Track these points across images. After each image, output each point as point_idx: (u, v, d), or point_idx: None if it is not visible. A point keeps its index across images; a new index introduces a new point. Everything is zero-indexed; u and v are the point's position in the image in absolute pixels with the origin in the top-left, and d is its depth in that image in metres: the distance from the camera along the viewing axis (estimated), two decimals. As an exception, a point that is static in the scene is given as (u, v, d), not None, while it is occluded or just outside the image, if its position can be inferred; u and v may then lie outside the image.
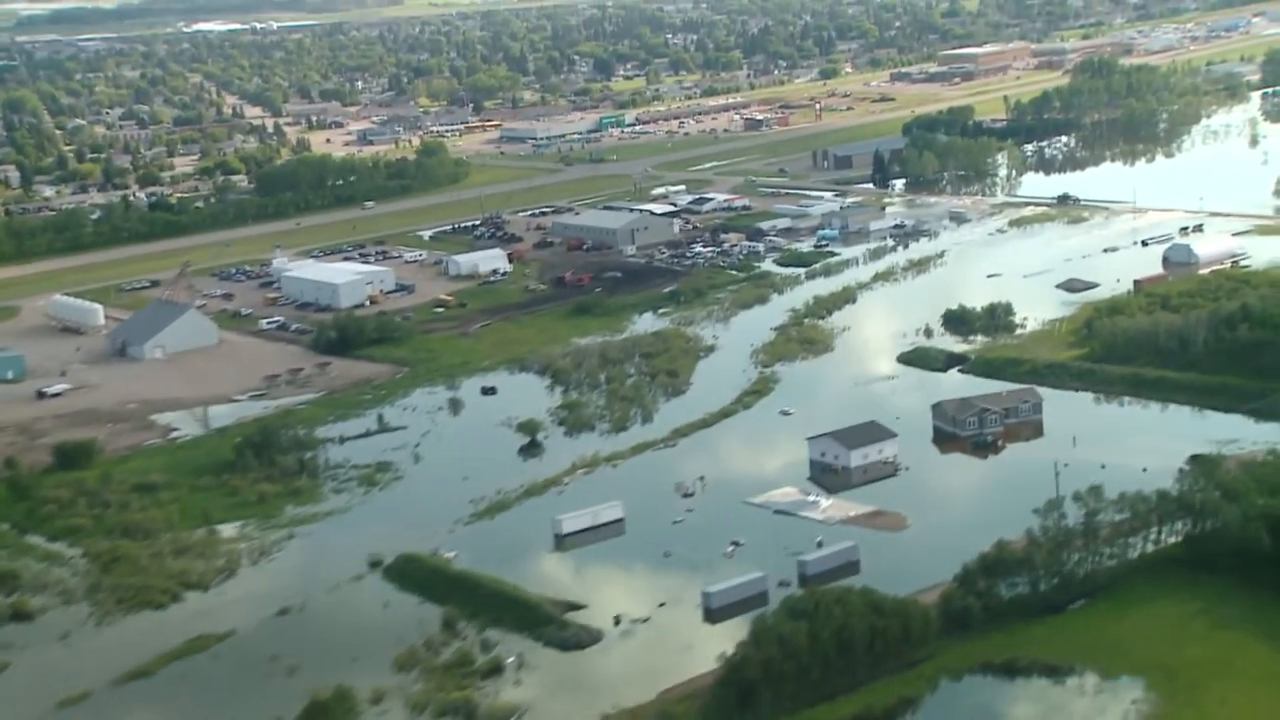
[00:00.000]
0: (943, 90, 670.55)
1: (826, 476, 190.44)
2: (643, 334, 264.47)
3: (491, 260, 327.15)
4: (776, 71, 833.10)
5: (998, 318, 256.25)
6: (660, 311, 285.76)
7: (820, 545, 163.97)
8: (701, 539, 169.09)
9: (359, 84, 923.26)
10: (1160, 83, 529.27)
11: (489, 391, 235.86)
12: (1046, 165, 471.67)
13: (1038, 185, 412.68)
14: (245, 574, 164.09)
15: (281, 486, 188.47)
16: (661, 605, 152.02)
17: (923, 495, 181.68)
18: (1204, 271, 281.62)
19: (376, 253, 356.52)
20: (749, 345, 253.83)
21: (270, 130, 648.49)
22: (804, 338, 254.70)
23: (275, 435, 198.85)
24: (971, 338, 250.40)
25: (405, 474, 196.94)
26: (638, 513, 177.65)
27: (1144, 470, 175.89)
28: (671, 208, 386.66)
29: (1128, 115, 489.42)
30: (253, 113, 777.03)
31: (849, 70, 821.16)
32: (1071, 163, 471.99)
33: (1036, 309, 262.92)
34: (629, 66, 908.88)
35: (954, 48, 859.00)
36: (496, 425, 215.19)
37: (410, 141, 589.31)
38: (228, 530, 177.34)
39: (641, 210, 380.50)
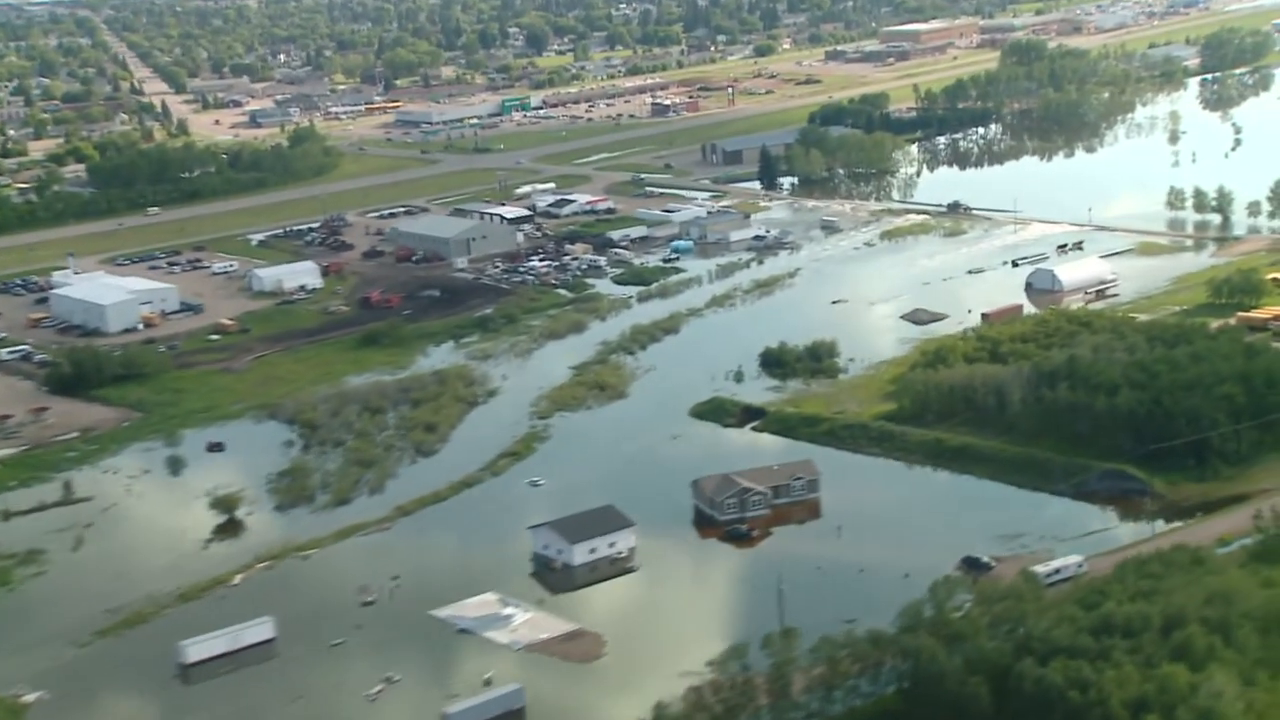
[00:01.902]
0: (874, 71, 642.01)
1: (548, 575, 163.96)
2: (424, 373, 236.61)
3: (300, 275, 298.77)
4: (713, 48, 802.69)
5: (819, 359, 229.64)
6: (463, 341, 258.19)
7: (488, 683, 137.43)
8: (358, 670, 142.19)
9: (281, 57, 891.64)
10: (1087, 69, 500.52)
11: (216, 448, 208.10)
12: (960, 160, 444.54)
13: (937, 186, 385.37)
14: None
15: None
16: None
17: (644, 606, 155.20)
18: (1072, 300, 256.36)
19: (188, 261, 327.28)
20: (537, 389, 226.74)
21: (159, 110, 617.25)
22: (597, 381, 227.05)
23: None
24: (790, 381, 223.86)
25: (52, 567, 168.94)
26: (300, 628, 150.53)
27: (905, 576, 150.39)
28: (525, 212, 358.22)
29: (1044, 106, 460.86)
30: (159, 88, 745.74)
31: (787, 46, 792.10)
32: (986, 158, 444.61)
33: (871, 346, 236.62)
34: (565, 40, 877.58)
35: (902, 23, 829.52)
36: (201, 495, 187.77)
37: (299, 124, 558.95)
38: None
39: (489, 214, 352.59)
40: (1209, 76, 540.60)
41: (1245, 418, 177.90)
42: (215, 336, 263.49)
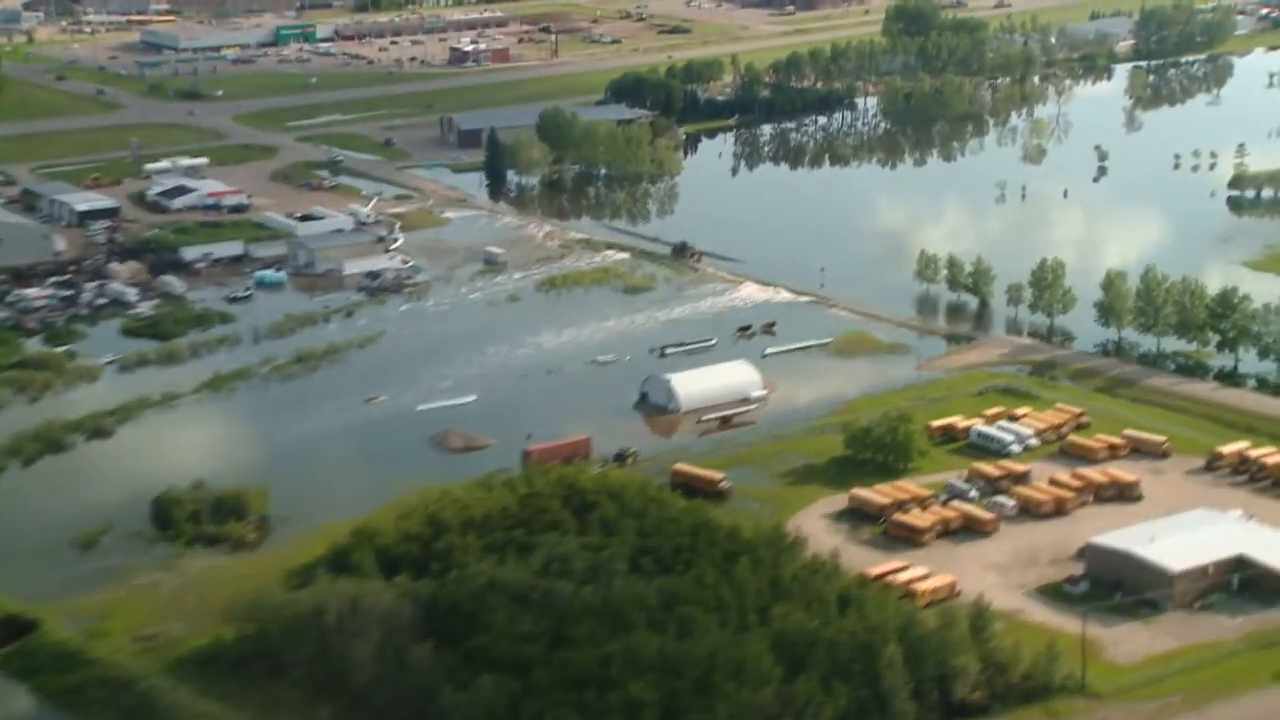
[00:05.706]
0: (761, 22, 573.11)
1: None
2: None
3: None
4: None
5: (226, 517, 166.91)
6: None
7: None
8: None
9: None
10: (967, 49, 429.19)
11: None
12: (788, 157, 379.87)
13: (715, 200, 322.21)
14: None
15: None
16: None
17: None
18: (693, 423, 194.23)
19: None
20: None
21: None
22: None
23: None
24: (182, 550, 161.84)
25: None
26: None
27: None
28: (110, 203, 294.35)
29: (889, 98, 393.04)
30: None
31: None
32: (815, 160, 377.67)
33: (338, 494, 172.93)
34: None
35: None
36: None
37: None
38: None
39: (57, 201, 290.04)
40: (1142, 64, 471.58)
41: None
42: None
